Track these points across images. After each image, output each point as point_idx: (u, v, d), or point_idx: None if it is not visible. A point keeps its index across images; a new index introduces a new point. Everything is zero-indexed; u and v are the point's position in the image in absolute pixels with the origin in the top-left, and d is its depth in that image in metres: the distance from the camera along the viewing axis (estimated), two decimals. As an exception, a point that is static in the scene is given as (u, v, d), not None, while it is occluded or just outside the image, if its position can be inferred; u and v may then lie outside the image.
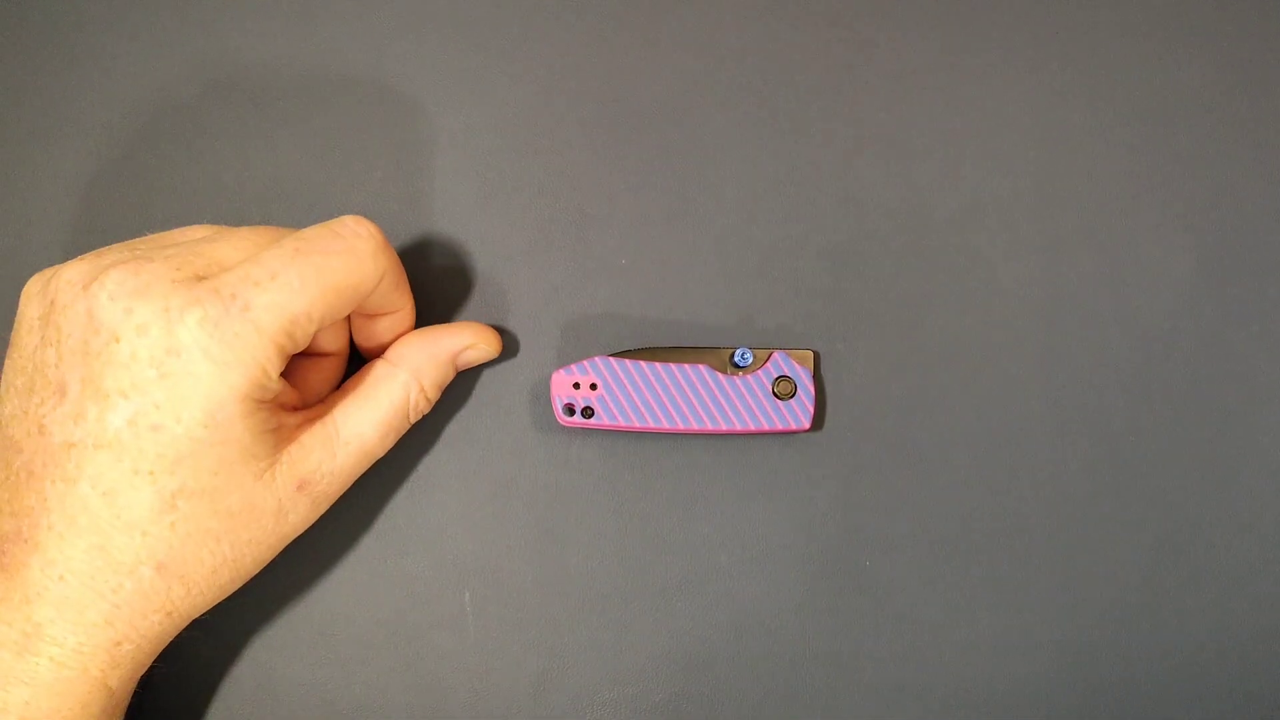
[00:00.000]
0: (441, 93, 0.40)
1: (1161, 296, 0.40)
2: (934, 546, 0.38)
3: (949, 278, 0.40)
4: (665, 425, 0.37)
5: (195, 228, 0.34)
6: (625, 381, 0.37)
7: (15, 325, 0.32)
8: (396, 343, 0.36)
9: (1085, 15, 0.41)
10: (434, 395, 0.36)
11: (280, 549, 0.33)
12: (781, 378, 0.37)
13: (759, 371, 0.37)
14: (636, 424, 0.37)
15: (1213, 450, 0.39)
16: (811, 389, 0.37)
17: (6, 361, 0.32)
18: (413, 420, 0.36)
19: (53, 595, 0.30)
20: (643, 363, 0.37)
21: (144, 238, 0.33)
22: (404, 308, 0.36)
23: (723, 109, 0.40)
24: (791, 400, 0.37)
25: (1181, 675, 0.38)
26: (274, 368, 0.30)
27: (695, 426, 0.37)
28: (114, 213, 0.40)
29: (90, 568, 0.30)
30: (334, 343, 0.36)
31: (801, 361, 0.38)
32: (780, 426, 0.37)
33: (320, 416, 0.34)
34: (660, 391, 0.37)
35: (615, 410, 0.37)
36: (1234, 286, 0.40)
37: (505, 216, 0.40)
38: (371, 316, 0.36)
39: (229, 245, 0.32)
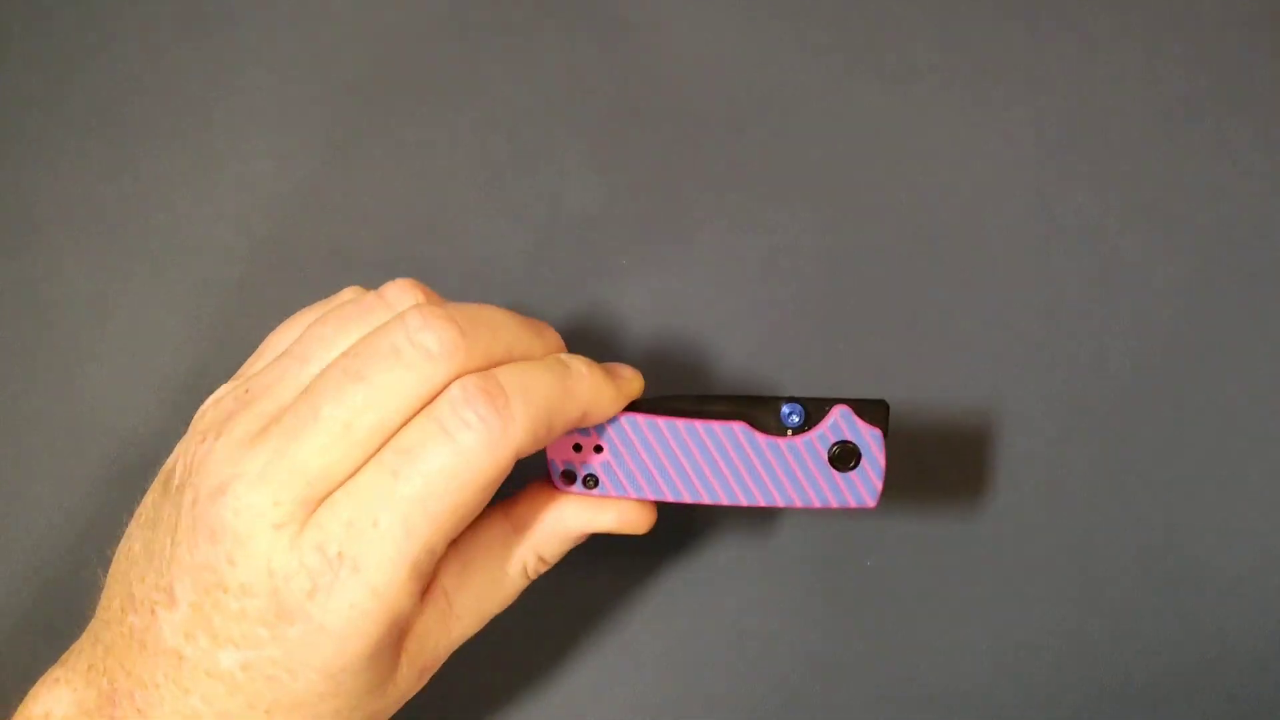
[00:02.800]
0: (441, 93, 0.40)
1: (1161, 296, 0.40)
2: (934, 546, 0.38)
3: (949, 277, 0.40)
4: (688, 498, 0.30)
5: (281, 334, 0.31)
6: (638, 445, 0.30)
7: (171, 457, 0.30)
8: (524, 502, 0.32)
9: (1085, 15, 0.41)
10: (553, 561, 0.32)
11: None
12: (843, 443, 0.29)
13: (812, 434, 0.30)
14: (651, 496, 0.30)
15: (1213, 450, 0.39)
16: (881, 460, 0.29)
17: (151, 488, 0.30)
18: (530, 580, 0.32)
19: None
20: (660, 421, 0.30)
21: (247, 376, 0.30)
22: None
23: (723, 108, 0.40)
24: (853, 473, 0.30)
25: (1183, 676, 0.38)
26: (401, 617, 0.27)
27: (725, 501, 0.30)
28: (114, 213, 0.40)
29: None
30: None
31: (870, 420, 0.29)
32: (836, 504, 0.30)
33: (431, 590, 0.30)
34: (683, 458, 0.30)
35: (625, 480, 0.30)
36: (1234, 286, 0.40)
37: (505, 216, 0.40)
38: None
39: (313, 436, 0.27)
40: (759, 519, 0.38)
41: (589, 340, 0.39)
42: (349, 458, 0.27)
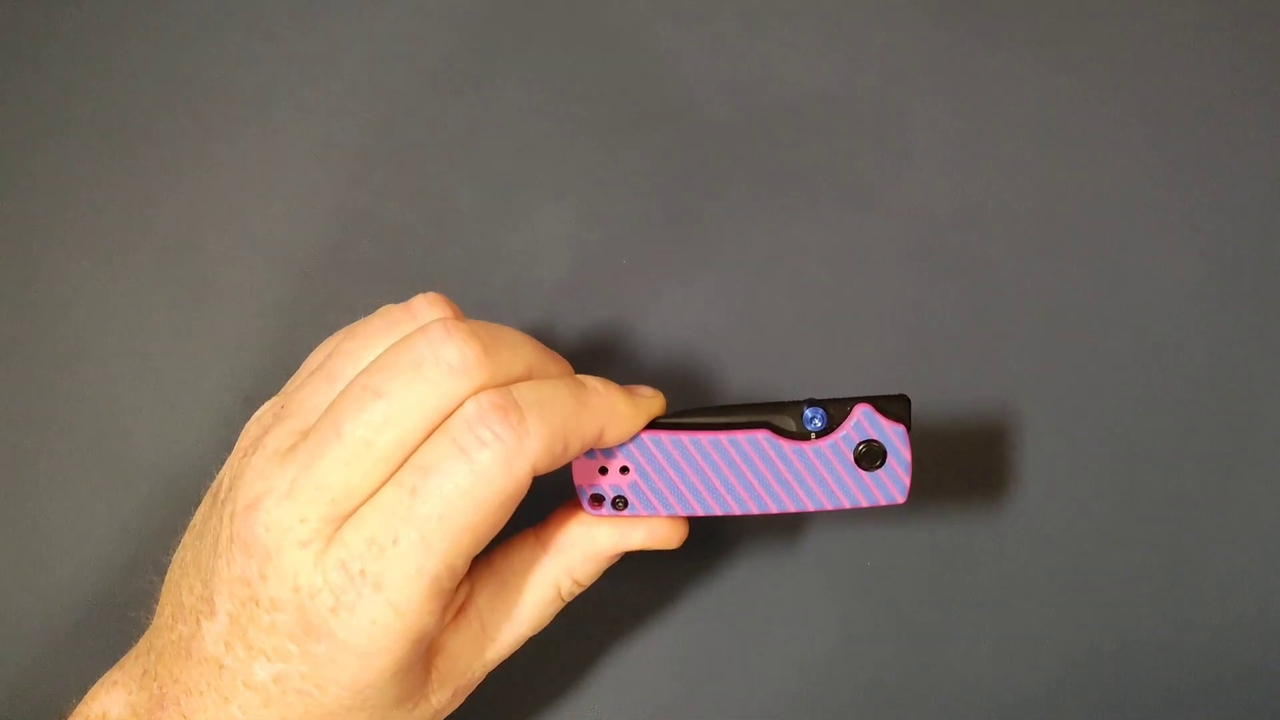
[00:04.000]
0: (441, 93, 0.40)
1: (1165, 296, 0.40)
2: (934, 546, 0.38)
3: (949, 277, 0.40)
4: (717, 511, 0.30)
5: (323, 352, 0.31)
6: (664, 462, 0.30)
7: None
8: (554, 524, 0.32)
9: (1087, 16, 0.41)
10: (588, 582, 0.32)
11: None
12: (868, 442, 0.29)
13: (836, 435, 0.29)
14: (682, 512, 0.30)
15: (1216, 450, 0.39)
16: (907, 455, 0.29)
17: (203, 500, 0.31)
18: (565, 601, 0.32)
19: None
20: (683, 436, 0.29)
21: (285, 393, 0.30)
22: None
23: (724, 108, 0.40)
24: (880, 471, 0.30)
25: (1184, 677, 0.38)
26: (424, 634, 0.27)
27: (755, 510, 0.30)
28: (114, 212, 0.40)
29: None
30: None
31: (892, 417, 0.29)
32: (867, 503, 0.30)
33: (465, 610, 0.31)
34: (709, 471, 0.30)
35: (653, 498, 0.30)
36: (1237, 286, 0.40)
37: (505, 216, 0.40)
38: None
39: (336, 454, 0.27)
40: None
41: (590, 340, 0.39)
42: (371, 475, 0.27)
